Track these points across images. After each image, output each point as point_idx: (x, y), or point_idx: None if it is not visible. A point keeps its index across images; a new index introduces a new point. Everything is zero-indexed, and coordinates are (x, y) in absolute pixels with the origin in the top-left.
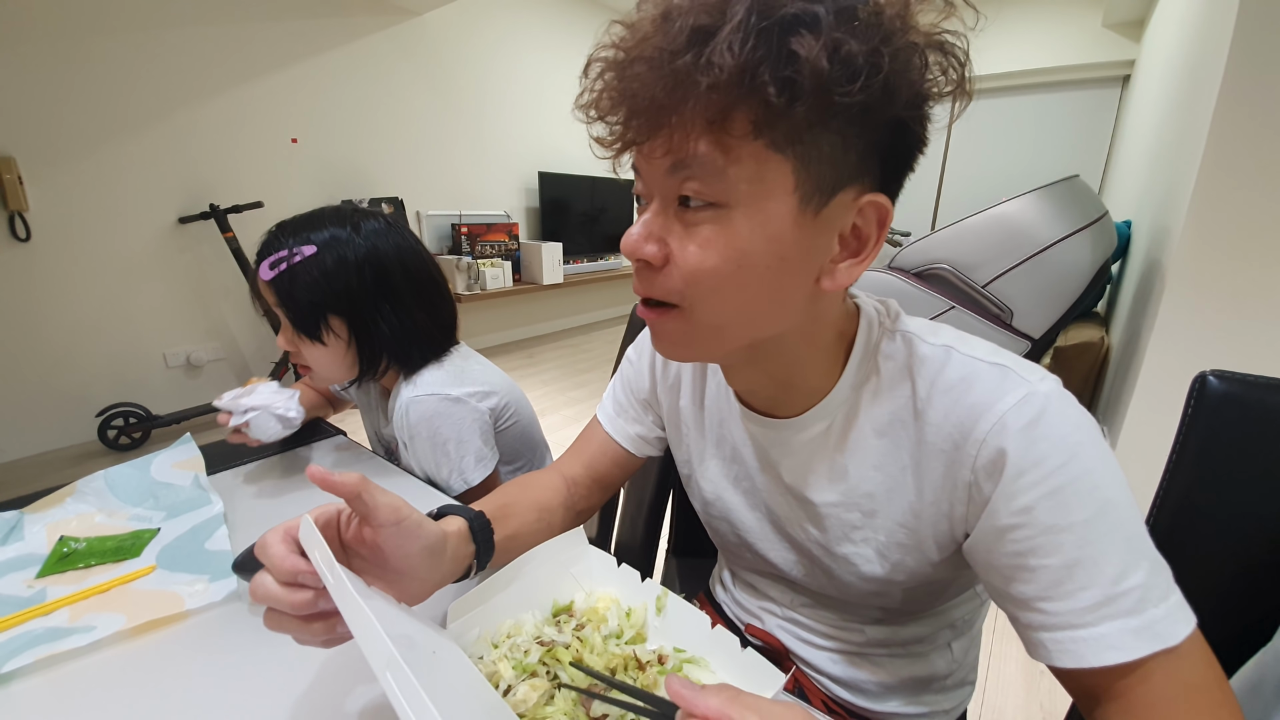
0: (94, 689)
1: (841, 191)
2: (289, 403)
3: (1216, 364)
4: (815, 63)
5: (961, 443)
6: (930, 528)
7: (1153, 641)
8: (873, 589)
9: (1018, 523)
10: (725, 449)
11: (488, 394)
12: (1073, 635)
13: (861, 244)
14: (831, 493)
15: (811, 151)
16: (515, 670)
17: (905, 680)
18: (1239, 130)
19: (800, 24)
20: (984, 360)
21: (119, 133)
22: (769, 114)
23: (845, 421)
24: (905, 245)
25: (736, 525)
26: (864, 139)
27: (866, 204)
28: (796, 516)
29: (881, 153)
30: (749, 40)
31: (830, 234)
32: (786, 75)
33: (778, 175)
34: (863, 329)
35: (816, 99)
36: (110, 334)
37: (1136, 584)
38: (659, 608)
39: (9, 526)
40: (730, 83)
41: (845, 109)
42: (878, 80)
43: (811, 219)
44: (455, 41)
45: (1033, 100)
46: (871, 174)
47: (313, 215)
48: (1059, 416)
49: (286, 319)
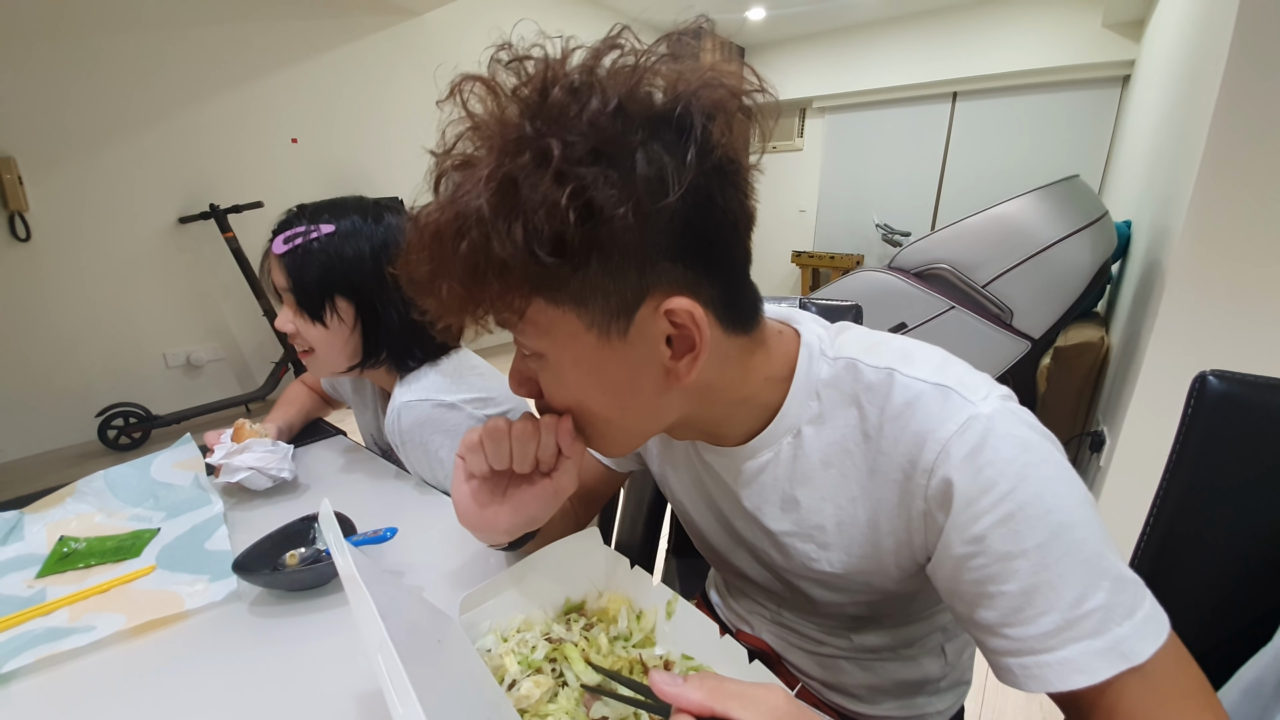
0: (94, 689)
1: (640, 308)
2: (282, 463)
3: (1216, 364)
4: (519, 250)
5: (911, 472)
6: (890, 554)
7: (1118, 661)
8: (843, 600)
9: (972, 551)
10: (691, 473)
11: (486, 401)
12: (1037, 660)
13: (689, 341)
14: (785, 522)
15: (583, 293)
16: (521, 665)
17: (897, 684)
18: (1239, 130)
19: (499, 214)
20: (926, 381)
21: (119, 133)
22: (512, 293)
23: (791, 451)
24: (905, 245)
25: (712, 544)
26: (632, 260)
27: (669, 309)
28: (760, 541)
29: (672, 257)
30: (461, 246)
31: (652, 343)
32: (503, 270)
33: (563, 324)
34: (802, 359)
35: (539, 276)
36: (110, 334)
37: (1097, 605)
38: (669, 612)
39: (9, 526)
40: (469, 283)
41: (581, 252)
42: (596, 227)
43: (621, 343)
44: (455, 41)
45: (1033, 100)
46: (666, 279)
47: (335, 200)
48: (1004, 439)
49: (292, 296)
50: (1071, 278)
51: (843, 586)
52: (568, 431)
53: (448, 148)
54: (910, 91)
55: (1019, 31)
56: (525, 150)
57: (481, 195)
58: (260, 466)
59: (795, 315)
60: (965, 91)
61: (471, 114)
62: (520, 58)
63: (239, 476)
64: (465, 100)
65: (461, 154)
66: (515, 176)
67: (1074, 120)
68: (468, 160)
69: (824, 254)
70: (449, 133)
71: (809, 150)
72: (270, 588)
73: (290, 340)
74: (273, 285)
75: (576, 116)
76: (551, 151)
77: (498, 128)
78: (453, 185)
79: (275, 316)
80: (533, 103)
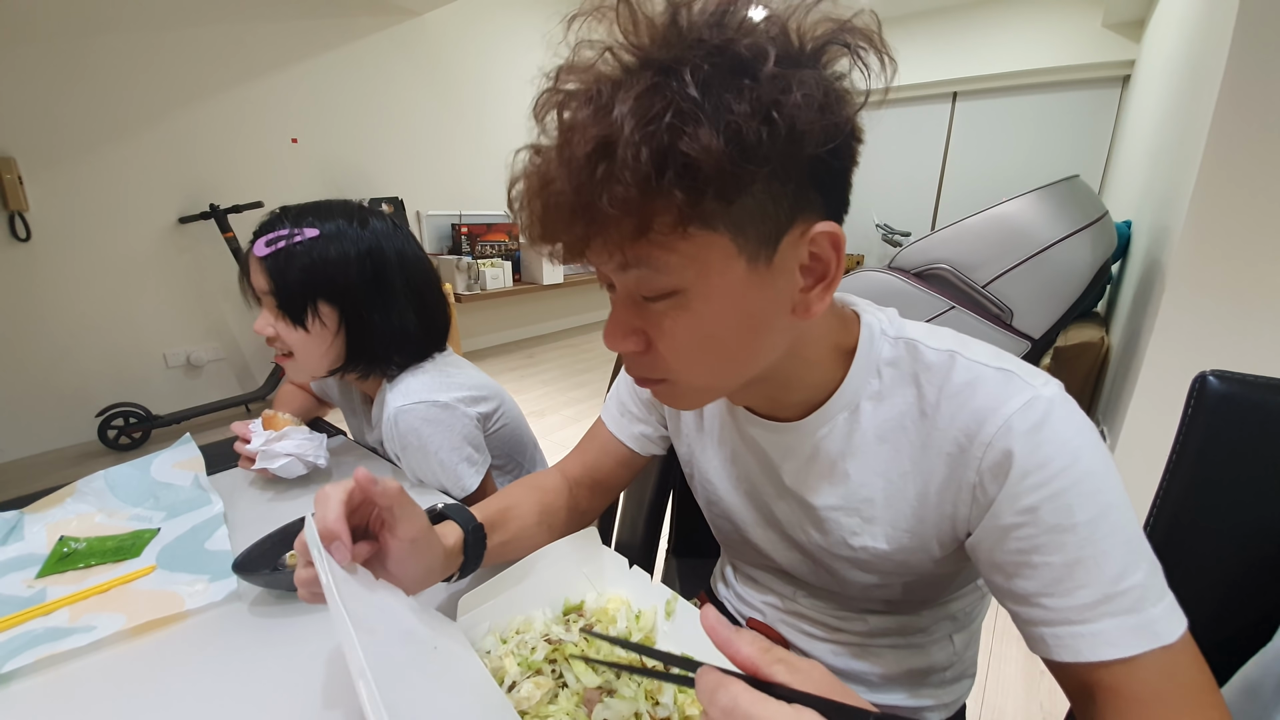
0: (94, 689)
1: (787, 234)
2: (319, 450)
3: (1216, 364)
4: (712, 152)
5: (967, 445)
6: (933, 528)
7: (1149, 639)
8: (875, 582)
9: (1022, 522)
10: (726, 450)
11: (477, 398)
12: (1071, 631)
13: (824, 268)
14: (832, 496)
15: (742, 217)
16: (521, 667)
17: (906, 672)
18: (1239, 130)
19: (685, 119)
20: (988, 365)
21: (119, 133)
22: (688, 205)
23: (847, 426)
24: (905, 245)
25: (738, 524)
26: (791, 183)
27: (816, 235)
28: (797, 518)
29: (816, 185)
30: (641, 153)
31: (790, 273)
32: (688, 173)
33: (717, 250)
34: (864, 338)
35: (725, 179)
36: (110, 334)
37: (1135, 583)
38: (669, 612)
39: (9, 526)
40: (639, 197)
41: (757, 173)
42: (780, 137)
43: (766, 270)
44: (455, 41)
45: (1033, 100)
46: (811, 207)
47: (320, 204)
48: (1063, 420)
49: (273, 300)
50: (1071, 278)
51: (878, 567)
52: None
53: (579, 63)
54: (910, 91)
55: (1019, 31)
56: (715, 55)
57: (672, 96)
58: (299, 453)
59: (850, 298)
60: (965, 91)
61: (635, 18)
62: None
63: (278, 464)
64: (619, 6)
65: (608, 64)
66: (715, 79)
67: (1074, 120)
68: (615, 71)
69: None
70: (581, 53)
71: None
72: (270, 588)
73: (269, 343)
74: (250, 288)
75: (765, 28)
76: (766, 53)
77: (670, 34)
78: (601, 97)
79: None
80: (722, 13)
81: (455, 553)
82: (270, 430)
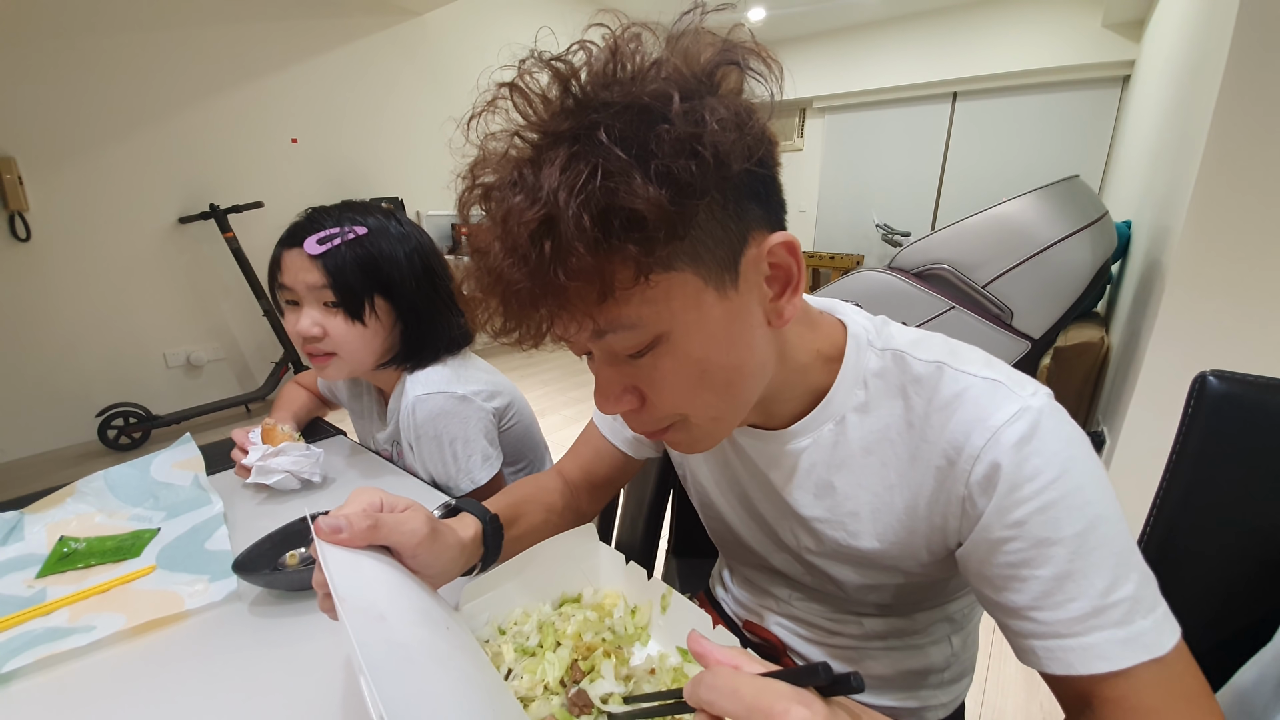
0: (94, 689)
1: (744, 254)
2: (314, 467)
3: (1216, 364)
4: (651, 198)
5: (955, 458)
6: (922, 539)
7: (1140, 652)
8: (868, 584)
9: (1010, 535)
10: (719, 457)
11: (493, 394)
12: (1062, 644)
13: (787, 274)
14: (818, 508)
15: (697, 249)
16: (517, 653)
17: (903, 673)
18: (1239, 130)
19: (615, 177)
20: (977, 375)
21: (119, 133)
22: (643, 255)
23: (832, 437)
24: (905, 245)
25: (731, 527)
26: (731, 203)
27: (773, 247)
28: (788, 524)
29: (753, 198)
30: (583, 219)
31: (757, 287)
32: (635, 225)
33: (684, 287)
34: (850, 349)
35: (670, 220)
36: (110, 334)
37: (1125, 596)
38: (664, 606)
39: (9, 526)
40: (594, 262)
41: (699, 205)
42: (709, 166)
43: (734, 293)
44: (455, 41)
45: (1033, 100)
46: (756, 220)
47: (349, 203)
48: (1051, 432)
49: (329, 296)
50: (1071, 278)
51: (873, 566)
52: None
53: (490, 155)
54: (910, 91)
55: (1019, 31)
56: (622, 111)
57: (595, 159)
58: (294, 470)
59: (835, 305)
60: (965, 92)
61: (529, 100)
62: (557, 57)
63: (274, 479)
64: (512, 95)
65: (517, 149)
66: (630, 132)
67: (1074, 120)
68: (527, 152)
69: (824, 254)
70: (488, 146)
71: (809, 150)
72: (270, 588)
73: (310, 344)
74: (282, 288)
75: (657, 72)
76: (670, 95)
77: (569, 105)
78: (525, 179)
79: (274, 316)
80: (613, 72)
81: (474, 545)
82: (268, 444)
